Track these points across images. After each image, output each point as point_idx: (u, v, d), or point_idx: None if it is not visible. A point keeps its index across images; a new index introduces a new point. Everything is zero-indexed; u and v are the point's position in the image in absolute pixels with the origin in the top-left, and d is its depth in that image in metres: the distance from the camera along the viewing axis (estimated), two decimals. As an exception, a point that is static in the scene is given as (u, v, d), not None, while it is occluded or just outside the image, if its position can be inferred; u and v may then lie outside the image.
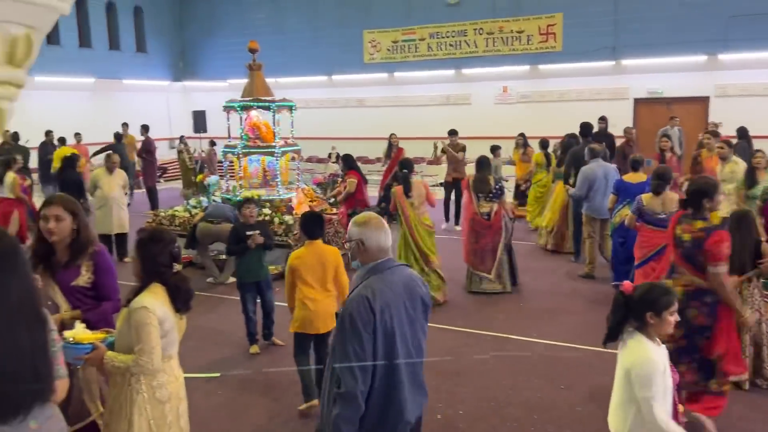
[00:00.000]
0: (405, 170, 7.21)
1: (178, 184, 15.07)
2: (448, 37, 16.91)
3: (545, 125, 13.59)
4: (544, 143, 10.71)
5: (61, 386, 2.48)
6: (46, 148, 13.75)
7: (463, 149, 11.31)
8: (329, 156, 17.14)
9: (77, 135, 14.42)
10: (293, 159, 10.11)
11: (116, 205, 8.68)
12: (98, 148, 13.74)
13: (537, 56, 16.02)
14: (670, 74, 14.67)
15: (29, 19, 1.14)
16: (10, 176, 8.18)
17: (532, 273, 8.12)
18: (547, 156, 10.48)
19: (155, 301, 2.90)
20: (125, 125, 15.35)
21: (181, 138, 15.97)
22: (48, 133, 14.21)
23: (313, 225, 4.57)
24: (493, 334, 6.07)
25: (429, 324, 2.99)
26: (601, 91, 15.49)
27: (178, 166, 16.20)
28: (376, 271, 2.78)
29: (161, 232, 3.14)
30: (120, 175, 8.90)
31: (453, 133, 11.63)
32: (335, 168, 14.82)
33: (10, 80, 1.21)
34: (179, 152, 14.40)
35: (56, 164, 10.53)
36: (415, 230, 6.93)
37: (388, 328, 2.67)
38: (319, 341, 4.61)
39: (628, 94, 15.42)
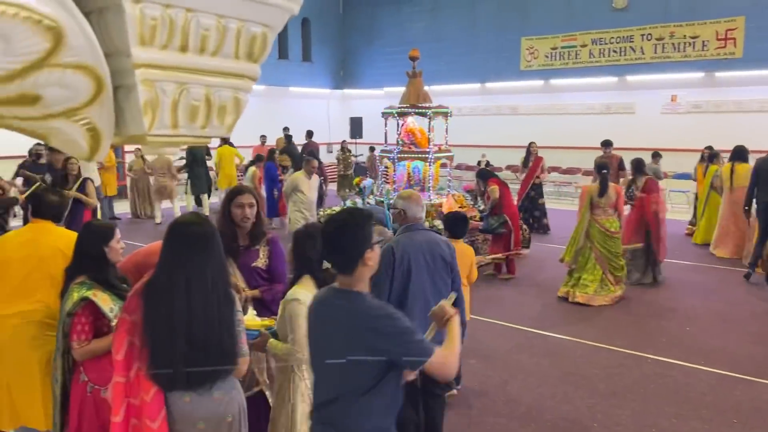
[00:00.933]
0: (604, 171, 7.32)
1: (335, 186, 15.79)
2: (611, 43, 16.13)
3: (719, 138, 12.46)
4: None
5: (243, 363, 2.67)
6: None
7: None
8: (478, 164, 17.04)
9: (263, 137, 15.77)
10: (444, 165, 10.21)
11: (313, 208, 8.81)
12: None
13: (713, 63, 14.77)
14: None
15: (266, 18, 1.27)
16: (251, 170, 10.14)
17: (701, 291, 7.51)
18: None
19: (307, 293, 3.02)
20: (286, 129, 16.41)
21: (343, 143, 16.74)
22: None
23: (458, 225, 4.92)
24: (654, 358, 5.69)
25: (585, 341, 2.94)
26: (786, 101, 13.93)
27: (335, 169, 16.99)
28: (407, 230, 3.74)
29: (315, 228, 3.24)
30: (316, 180, 9.02)
31: (607, 144, 11.03)
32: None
33: (248, 74, 1.35)
34: (339, 156, 15.16)
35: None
36: (594, 231, 7.27)
37: (404, 270, 3.54)
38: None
39: (820, 105, 13.72)
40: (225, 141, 14.06)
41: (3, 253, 3.42)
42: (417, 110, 9.63)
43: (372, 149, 16.38)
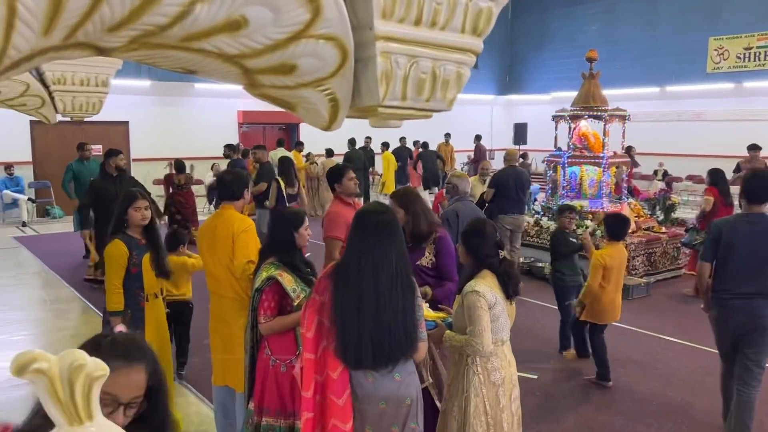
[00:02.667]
0: None
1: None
2: (820, 40, 14.30)
3: None
4: None
5: (422, 348, 2.73)
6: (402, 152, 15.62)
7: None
8: (654, 173, 15.92)
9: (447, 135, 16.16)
10: (620, 172, 9.66)
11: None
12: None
13: None
14: None
15: (495, -9, 1.31)
16: None
17: None
18: None
19: (485, 286, 3.02)
20: (447, 135, 16.57)
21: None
22: (401, 140, 16.06)
23: (619, 226, 5.09)
24: None
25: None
26: None
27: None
28: (459, 200, 5.24)
29: (483, 225, 3.27)
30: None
31: (754, 147, 9.84)
32: (660, 185, 13.75)
33: (472, 48, 1.38)
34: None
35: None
36: None
37: (460, 229, 4.13)
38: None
39: None
40: (386, 147, 14.54)
41: (212, 234, 3.80)
42: (592, 113, 9.22)
43: (523, 155, 16.02)
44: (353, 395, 2.67)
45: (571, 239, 5.81)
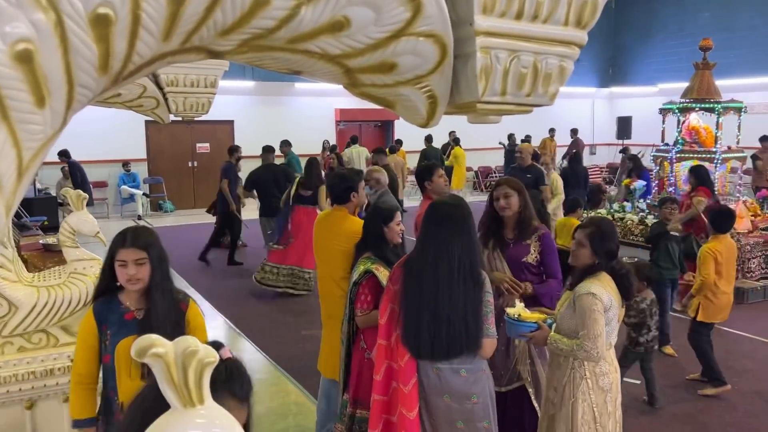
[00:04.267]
0: None
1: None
2: None
3: None
4: None
5: (489, 345, 2.68)
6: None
7: None
8: (774, 169, 14.72)
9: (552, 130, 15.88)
10: (734, 169, 9.04)
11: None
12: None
13: None
14: None
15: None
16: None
17: None
18: None
19: (601, 288, 2.89)
20: (552, 130, 16.09)
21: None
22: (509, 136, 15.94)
23: (724, 219, 5.00)
24: None
25: None
26: None
27: (596, 172, 16.25)
28: (384, 194, 5.11)
29: (609, 224, 3.20)
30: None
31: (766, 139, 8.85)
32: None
33: (576, 41, 1.34)
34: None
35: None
36: None
37: None
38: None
39: None
40: (457, 143, 14.32)
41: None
42: (703, 105, 8.66)
43: (623, 150, 15.23)
44: (420, 385, 2.71)
45: (671, 232, 5.74)
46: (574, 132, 15.14)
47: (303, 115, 16.37)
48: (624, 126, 17.39)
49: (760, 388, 4.94)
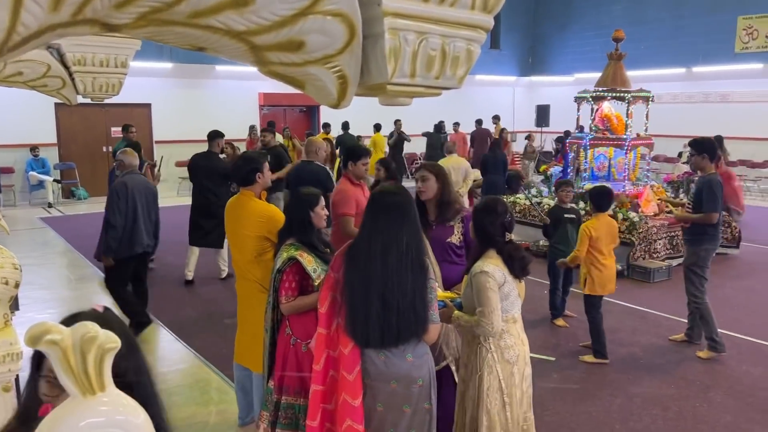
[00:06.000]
0: None
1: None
2: None
3: None
4: None
5: (434, 330, 2.74)
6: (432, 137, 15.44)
7: None
8: (679, 155, 15.66)
9: (456, 125, 16.01)
10: (643, 156, 9.55)
11: None
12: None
13: None
14: None
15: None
16: None
17: None
18: None
19: (493, 266, 3.00)
20: (496, 118, 16.49)
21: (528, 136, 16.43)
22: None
23: (603, 198, 5.26)
24: None
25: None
26: None
27: (519, 158, 16.73)
28: (128, 174, 5.67)
29: (495, 203, 3.22)
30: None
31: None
32: (684, 168, 13.54)
33: (482, 25, 1.37)
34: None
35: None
36: None
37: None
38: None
39: None
40: (378, 129, 14.39)
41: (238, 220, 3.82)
42: (614, 94, 9.08)
43: (528, 137, 15.84)
44: (365, 372, 2.71)
45: (566, 214, 6.16)
46: (496, 119, 15.53)
47: (225, 99, 15.95)
48: (543, 114, 17.97)
49: (663, 361, 5.27)
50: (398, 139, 15.06)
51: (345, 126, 13.76)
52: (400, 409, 2.74)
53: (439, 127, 15.11)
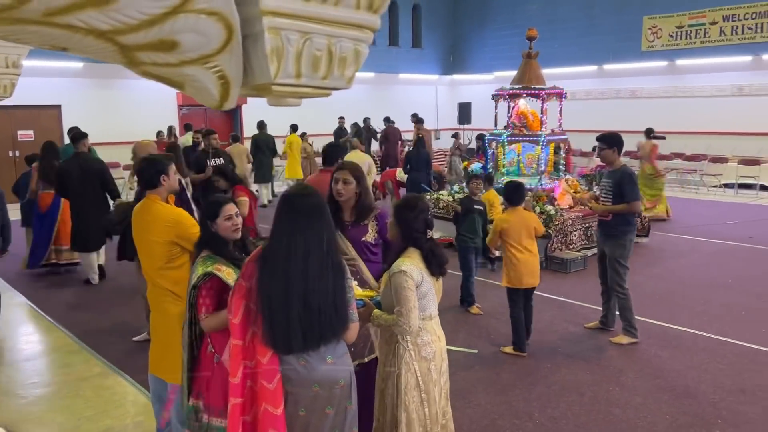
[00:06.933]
0: None
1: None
2: (746, 19, 14.84)
3: None
4: None
5: (353, 329, 2.72)
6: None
7: None
8: (593, 149, 16.34)
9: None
10: (558, 150, 9.88)
11: None
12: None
13: None
14: None
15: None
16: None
17: None
18: None
19: (412, 265, 3.02)
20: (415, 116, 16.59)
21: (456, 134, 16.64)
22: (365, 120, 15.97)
23: (515, 192, 5.39)
24: (791, 356, 5.21)
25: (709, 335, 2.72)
26: None
27: (441, 156, 16.99)
28: None
29: (416, 200, 3.23)
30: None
31: None
32: (597, 161, 14.15)
33: (368, 25, 1.36)
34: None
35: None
36: None
37: None
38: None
39: None
40: (294, 129, 14.26)
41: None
42: (529, 91, 9.36)
43: (454, 135, 16.13)
44: (286, 379, 2.66)
45: (476, 205, 6.46)
46: (414, 117, 15.66)
47: (140, 100, 15.37)
48: (465, 112, 18.33)
49: (580, 348, 5.47)
50: (369, 134, 15.04)
51: (260, 125, 13.47)
52: (323, 412, 2.71)
53: (293, 126, 15.01)
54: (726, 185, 14.78)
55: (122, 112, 14.89)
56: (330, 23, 1.26)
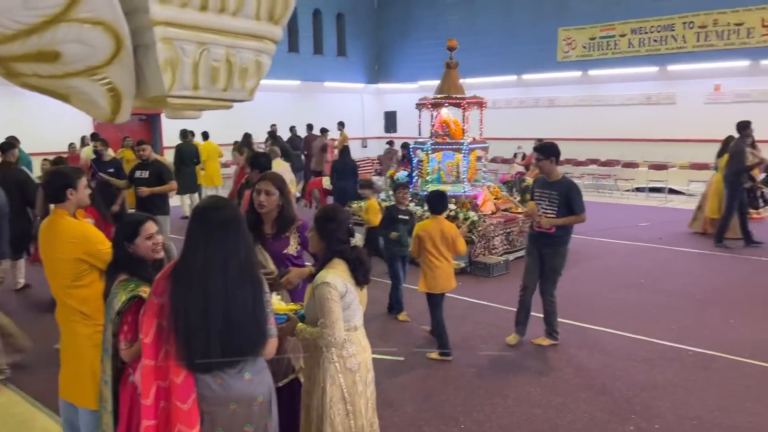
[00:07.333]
0: None
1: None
2: (652, 32, 15.73)
3: (766, 128, 12.05)
4: None
5: (272, 344, 2.65)
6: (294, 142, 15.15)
7: None
8: (515, 156, 16.88)
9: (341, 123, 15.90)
10: (480, 158, 10.11)
11: None
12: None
13: (759, 51, 14.27)
14: None
15: (286, -24, 1.26)
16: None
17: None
18: None
19: (336, 276, 2.99)
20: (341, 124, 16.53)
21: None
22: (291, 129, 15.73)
23: (438, 201, 5.47)
24: (697, 350, 5.51)
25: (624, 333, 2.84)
26: (840, 89, 13.40)
27: (368, 164, 17.06)
28: None
29: (335, 210, 3.21)
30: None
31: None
32: (519, 168, 14.64)
33: (270, 36, 1.33)
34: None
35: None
36: None
37: None
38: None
39: None
40: (206, 137, 13.95)
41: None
42: (451, 101, 9.54)
43: (389, 143, 16.30)
44: (202, 398, 2.56)
45: (401, 215, 6.50)
46: (341, 125, 15.70)
47: (49, 108, 14.54)
48: (391, 120, 18.50)
49: (503, 352, 5.59)
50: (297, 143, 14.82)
51: (184, 134, 13.09)
52: (242, 430, 2.63)
53: (204, 133, 14.78)
54: (638, 189, 15.56)
55: (31, 122, 14.10)
56: (228, 34, 1.22)
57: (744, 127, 9.43)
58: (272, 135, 14.50)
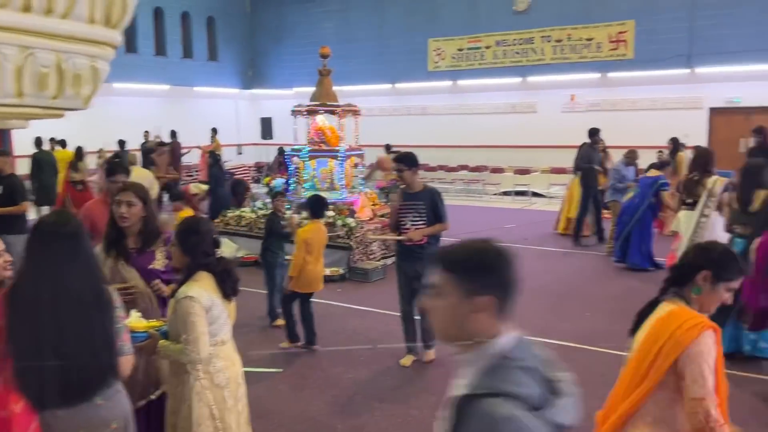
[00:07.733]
0: None
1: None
2: (514, 44, 16.72)
3: (615, 135, 13.19)
4: None
5: (126, 363, 2.50)
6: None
7: None
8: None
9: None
10: (357, 165, 10.22)
11: None
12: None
13: (607, 64, 15.63)
14: (749, 83, 13.99)
15: (123, -22, 1.18)
16: None
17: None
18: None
19: (200, 289, 2.89)
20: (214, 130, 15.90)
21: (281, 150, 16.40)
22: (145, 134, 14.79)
23: (318, 206, 5.73)
24: (560, 343, 5.89)
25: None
26: (674, 100, 14.95)
27: (244, 171, 16.68)
28: None
29: (198, 222, 3.13)
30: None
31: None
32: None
33: (106, 41, 1.25)
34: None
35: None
36: None
37: None
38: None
39: (703, 103, 14.81)
40: (63, 145, 13.13)
41: None
42: (326, 108, 9.57)
43: (280, 150, 16.11)
44: (46, 428, 2.36)
45: (282, 222, 6.55)
46: (214, 131, 15.25)
47: None
48: (267, 126, 18.23)
49: (381, 357, 5.66)
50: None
51: (38, 142, 12.08)
52: None
53: (121, 141, 14.13)
54: (504, 193, 16.45)
55: None
56: (57, 38, 1.13)
57: (593, 133, 10.29)
58: (120, 144, 13.81)
